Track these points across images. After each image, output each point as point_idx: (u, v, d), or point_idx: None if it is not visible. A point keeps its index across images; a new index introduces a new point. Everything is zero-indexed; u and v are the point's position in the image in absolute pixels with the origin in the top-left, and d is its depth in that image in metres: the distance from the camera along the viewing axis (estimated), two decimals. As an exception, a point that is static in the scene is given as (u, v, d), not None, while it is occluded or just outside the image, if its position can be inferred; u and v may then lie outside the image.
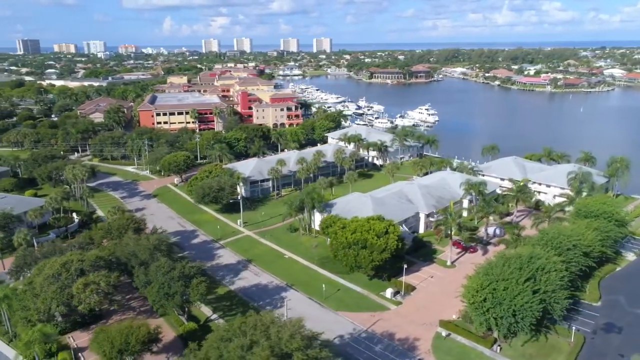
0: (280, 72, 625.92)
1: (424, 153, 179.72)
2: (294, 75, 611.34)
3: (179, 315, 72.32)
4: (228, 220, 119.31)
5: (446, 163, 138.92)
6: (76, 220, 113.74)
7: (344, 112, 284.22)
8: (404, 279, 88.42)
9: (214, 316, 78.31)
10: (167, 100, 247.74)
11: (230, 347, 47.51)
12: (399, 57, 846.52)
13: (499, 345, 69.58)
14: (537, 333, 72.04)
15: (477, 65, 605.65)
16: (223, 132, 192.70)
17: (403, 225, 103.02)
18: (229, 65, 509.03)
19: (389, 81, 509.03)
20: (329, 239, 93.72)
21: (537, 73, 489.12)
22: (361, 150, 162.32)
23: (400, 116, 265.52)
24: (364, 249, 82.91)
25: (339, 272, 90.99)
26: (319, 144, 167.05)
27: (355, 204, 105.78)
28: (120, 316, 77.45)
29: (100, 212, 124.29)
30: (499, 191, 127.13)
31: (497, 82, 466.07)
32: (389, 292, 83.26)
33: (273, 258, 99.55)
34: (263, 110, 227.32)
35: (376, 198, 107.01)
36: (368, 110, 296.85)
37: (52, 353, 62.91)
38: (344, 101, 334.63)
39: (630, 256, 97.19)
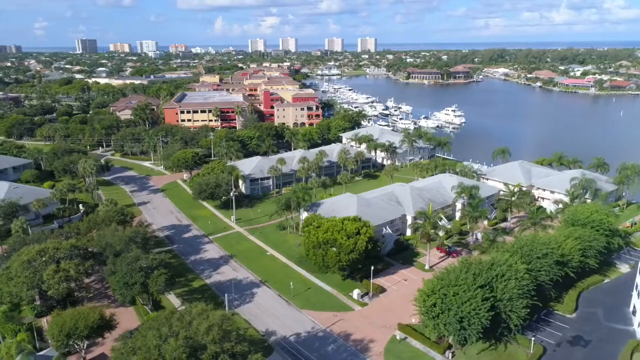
0: (319, 72, 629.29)
1: (438, 155, 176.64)
2: (332, 75, 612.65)
3: (143, 305, 75.43)
4: (223, 216, 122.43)
5: (449, 165, 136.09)
6: (81, 211, 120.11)
7: (367, 112, 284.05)
8: (378, 280, 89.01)
9: (182, 307, 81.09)
10: (195, 98, 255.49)
11: (149, 335, 49.75)
12: (443, 57, 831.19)
13: (452, 352, 68.42)
14: (498, 342, 70.42)
15: (520, 66, 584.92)
16: (239, 130, 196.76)
17: (387, 227, 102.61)
18: (264, 64, 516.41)
19: (425, 82, 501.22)
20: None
21: (584, 74, 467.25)
22: (370, 151, 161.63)
23: (425, 117, 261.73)
24: (333, 248, 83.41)
25: (314, 271, 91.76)
26: (333, 144, 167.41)
27: (341, 204, 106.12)
28: (95, 303, 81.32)
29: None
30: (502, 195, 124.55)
31: (538, 84, 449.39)
32: (355, 293, 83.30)
33: (255, 255, 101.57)
34: (284, 109, 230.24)
35: (363, 199, 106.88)
36: (394, 110, 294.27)
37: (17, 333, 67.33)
38: (374, 101, 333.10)
39: (624, 268, 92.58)
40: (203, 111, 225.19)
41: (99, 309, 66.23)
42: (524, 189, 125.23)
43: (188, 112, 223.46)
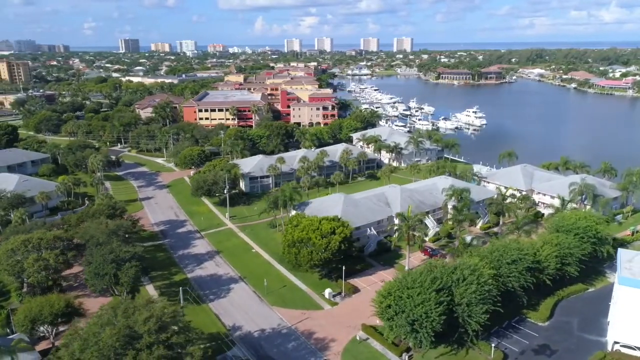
0: (349, 72, 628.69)
1: (447, 157, 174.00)
2: (363, 75, 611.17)
3: (116, 295, 78.48)
4: (220, 213, 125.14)
5: (449, 167, 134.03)
6: (86, 204, 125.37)
7: (387, 113, 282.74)
8: (355, 281, 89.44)
9: (156, 299, 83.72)
10: (215, 97, 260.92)
11: (91, 322, 52.19)
12: (479, 57, 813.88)
13: (410, 355, 68.05)
14: (460, 346, 69.55)
15: (556, 66, 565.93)
16: (249, 129, 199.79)
17: (371, 228, 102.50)
18: (291, 64, 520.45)
19: (455, 82, 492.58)
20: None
21: (623, 75, 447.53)
22: (375, 151, 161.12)
23: (444, 118, 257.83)
24: (306, 248, 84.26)
25: (294, 269, 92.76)
26: (338, 144, 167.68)
27: (328, 204, 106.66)
28: (78, 292, 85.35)
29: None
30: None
31: (573, 85, 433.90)
32: (327, 293, 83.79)
33: (241, 251, 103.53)
34: (299, 108, 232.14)
35: (350, 199, 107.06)
36: (415, 111, 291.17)
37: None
38: (397, 101, 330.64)
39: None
40: (220, 110, 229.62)
41: (67, 296, 69.64)
42: (523, 192, 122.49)
43: (206, 110, 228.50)
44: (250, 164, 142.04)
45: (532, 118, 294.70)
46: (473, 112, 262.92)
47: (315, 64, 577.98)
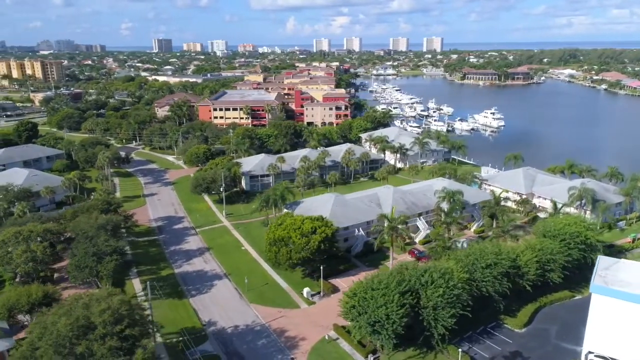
0: (374, 72, 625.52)
1: (454, 158, 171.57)
2: (388, 75, 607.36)
3: (98, 288, 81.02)
4: (218, 210, 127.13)
5: (450, 170, 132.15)
6: (91, 199, 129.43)
7: (404, 113, 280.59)
8: (336, 281, 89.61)
9: (141, 293, 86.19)
10: (232, 96, 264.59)
11: (52, 311, 54.30)
12: (510, 57, 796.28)
13: (376, 357, 67.78)
14: (429, 350, 68.85)
15: (588, 67, 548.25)
16: (257, 128, 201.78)
17: (359, 228, 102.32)
18: (313, 64, 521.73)
19: (480, 83, 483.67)
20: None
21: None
22: (379, 152, 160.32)
23: (460, 120, 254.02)
24: (286, 246, 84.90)
25: (274, 266, 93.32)
26: (343, 144, 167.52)
27: (317, 204, 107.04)
28: (68, 284, 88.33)
29: (117, 194, 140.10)
30: (503, 203, 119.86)
31: (603, 86, 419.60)
32: (305, 292, 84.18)
33: (231, 248, 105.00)
34: (312, 108, 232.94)
35: (340, 199, 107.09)
36: (434, 112, 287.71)
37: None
38: (416, 102, 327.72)
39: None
40: (234, 109, 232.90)
41: (47, 287, 72.34)
42: (523, 196, 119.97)
43: (220, 109, 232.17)
44: (252, 163, 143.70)
45: (554, 120, 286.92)
46: (491, 113, 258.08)
47: (337, 63, 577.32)
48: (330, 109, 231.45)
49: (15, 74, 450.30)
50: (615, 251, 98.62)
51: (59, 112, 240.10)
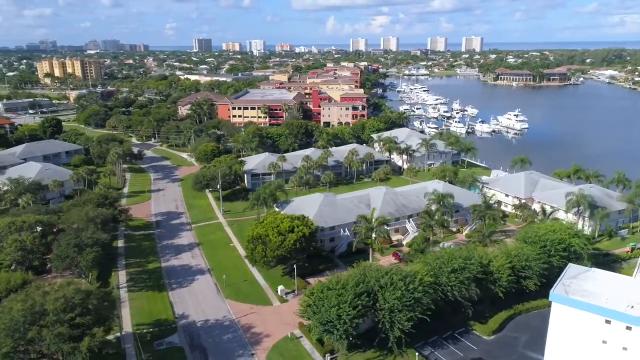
0: (406, 72, 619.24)
1: (466, 160, 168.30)
2: (420, 75, 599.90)
3: (84, 278, 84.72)
4: (217, 207, 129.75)
5: (449, 171, 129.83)
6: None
7: (427, 114, 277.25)
8: (315, 280, 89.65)
9: (124, 284, 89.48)
10: (253, 96, 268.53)
11: (11, 297, 57.50)
12: (551, 57, 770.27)
13: (333, 357, 67.94)
14: (389, 353, 68.47)
15: (632, 67, 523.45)
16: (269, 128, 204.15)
17: (345, 229, 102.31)
18: (342, 64, 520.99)
19: (514, 84, 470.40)
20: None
21: None
22: (384, 152, 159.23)
23: (481, 121, 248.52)
24: (263, 244, 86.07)
25: (251, 263, 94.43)
26: (349, 145, 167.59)
27: (306, 203, 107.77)
28: (53, 274, 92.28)
29: (125, 189, 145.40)
30: (504, 207, 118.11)
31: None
32: (279, 289, 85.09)
33: (220, 245, 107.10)
34: (329, 108, 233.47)
35: (328, 199, 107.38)
36: (457, 113, 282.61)
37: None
38: (441, 103, 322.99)
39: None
40: (252, 108, 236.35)
41: (27, 275, 76.22)
42: (522, 201, 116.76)
43: (239, 108, 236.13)
44: (255, 161, 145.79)
45: (584, 123, 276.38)
46: (514, 115, 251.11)
47: (366, 63, 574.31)
48: (347, 109, 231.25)
49: (57, 72, 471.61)
50: (611, 260, 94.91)
51: (87, 109, 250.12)
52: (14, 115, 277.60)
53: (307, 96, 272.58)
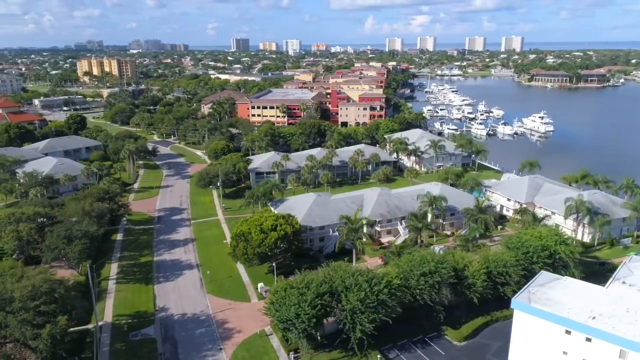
0: (439, 72, 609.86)
1: (482, 163, 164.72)
2: (453, 76, 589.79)
3: (72, 269, 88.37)
4: (219, 204, 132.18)
5: (452, 173, 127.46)
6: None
7: (450, 115, 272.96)
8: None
9: (113, 276, 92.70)
10: (274, 95, 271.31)
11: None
12: (594, 58, 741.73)
13: (296, 356, 68.34)
14: (354, 354, 68.29)
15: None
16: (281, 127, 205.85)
17: (334, 229, 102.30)
18: (370, 64, 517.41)
19: (548, 85, 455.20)
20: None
21: None
22: (391, 153, 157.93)
23: (504, 123, 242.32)
24: (245, 241, 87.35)
25: (232, 260, 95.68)
26: (358, 145, 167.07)
27: (299, 202, 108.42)
28: (56, 263, 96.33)
29: (136, 185, 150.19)
30: (506, 212, 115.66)
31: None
32: (259, 287, 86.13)
33: (213, 241, 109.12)
34: (347, 108, 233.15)
35: (321, 199, 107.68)
36: (481, 114, 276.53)
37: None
38: (468, 104, 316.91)
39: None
40: (271, 107, 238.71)
41: (16, 264, 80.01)
42: (523, 205, 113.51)
43: (258, 107, 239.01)
44: (261, 160, 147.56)
45: (618, 126, 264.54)
46: (539, 117, 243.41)
47: (394, 63, 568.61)
48: (365, 109, 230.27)
49: (95, 71, 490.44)
50: (607, 269, 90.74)
51: (114, 107, 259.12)
52: (49, 112, 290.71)
53: (327, 96, 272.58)
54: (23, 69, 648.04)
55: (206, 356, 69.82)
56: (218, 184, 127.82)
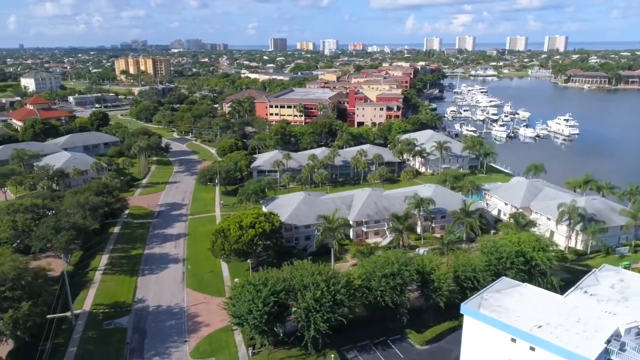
0: (473, 72, 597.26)
1: (493, 166, 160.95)
2: (487, 76, 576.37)
3: (60, 258, 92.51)
4: (219, 200, 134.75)
5: (450, 176, 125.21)
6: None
7: (473, 117, 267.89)
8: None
9: (102, 267, 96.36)
10: (295, 94, 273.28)
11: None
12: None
13: (254, 352, 69.28)
14: (312, 352, 68.66)
15: None
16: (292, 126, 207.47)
17: (318, 229, 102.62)
18: (399, 63, 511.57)
19: (585, 86, 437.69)
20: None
21: None
22: (396, 154, 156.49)
23: (526, 126, 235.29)
24: (224, 238, 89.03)
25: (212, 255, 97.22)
26: (362, 145, 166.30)
27: (289, 201, 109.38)
28: (51, 252, 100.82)
29: (145, 180, 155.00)
30: (503, 216, 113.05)
31: None
32: (235, 282, 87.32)
33: (204, 236, 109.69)
34: (363, 108, 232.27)
35: (309, 198, 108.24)
36: (505, 116, 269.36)
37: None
38: (496, 105, 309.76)
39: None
40: (289, 107, 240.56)
41: (6, 251, 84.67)
42: (519, 210, 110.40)
43: (275, 106, 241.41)
44: (264, 158, 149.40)
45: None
46: (564, 119, 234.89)
47: (424, 63, 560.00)
48: (381, 109, 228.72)
49: (131, 69, 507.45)
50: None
51: (139, 105, 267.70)
52: (82, 109, 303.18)
53: (346, 96, 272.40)
54: (68, 67, 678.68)
55: (169, 347, 71.79)
56: (216, 180, 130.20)
